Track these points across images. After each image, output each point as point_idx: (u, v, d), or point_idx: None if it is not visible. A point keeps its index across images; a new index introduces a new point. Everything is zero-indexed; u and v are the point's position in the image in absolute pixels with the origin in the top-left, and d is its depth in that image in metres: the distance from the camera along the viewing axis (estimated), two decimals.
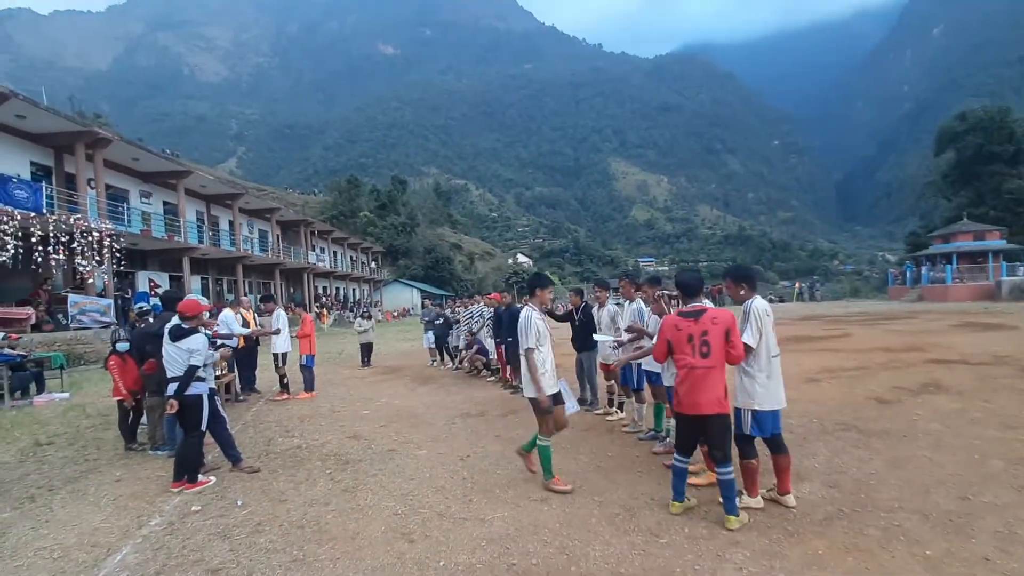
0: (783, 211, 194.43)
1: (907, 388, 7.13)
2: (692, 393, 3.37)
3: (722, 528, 3.32)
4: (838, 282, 72.08)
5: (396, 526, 3.56)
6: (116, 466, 5.14)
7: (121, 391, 5.62)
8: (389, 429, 6.25)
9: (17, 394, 8.69)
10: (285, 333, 8.46)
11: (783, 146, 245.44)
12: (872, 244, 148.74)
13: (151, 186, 22.54)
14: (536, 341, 4.04)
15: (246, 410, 7.56)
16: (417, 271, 58.73)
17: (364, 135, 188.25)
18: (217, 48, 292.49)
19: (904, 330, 14.90)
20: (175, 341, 4.45)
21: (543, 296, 4.40)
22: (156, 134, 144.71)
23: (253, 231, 31.26)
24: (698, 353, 3.35)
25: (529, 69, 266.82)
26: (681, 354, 3.43)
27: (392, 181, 75.22)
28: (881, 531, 3.21)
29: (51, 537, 3.60)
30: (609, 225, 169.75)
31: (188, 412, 4.44)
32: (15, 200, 13.62)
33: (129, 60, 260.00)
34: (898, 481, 3.99)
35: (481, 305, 10.53)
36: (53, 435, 6.37)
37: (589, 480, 4.29)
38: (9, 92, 14.12)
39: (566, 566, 2.97)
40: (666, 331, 3.57)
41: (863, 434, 5.21)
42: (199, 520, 3.78)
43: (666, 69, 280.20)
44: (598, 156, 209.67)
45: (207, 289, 25.39)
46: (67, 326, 14.47)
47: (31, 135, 16.58)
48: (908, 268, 40.36)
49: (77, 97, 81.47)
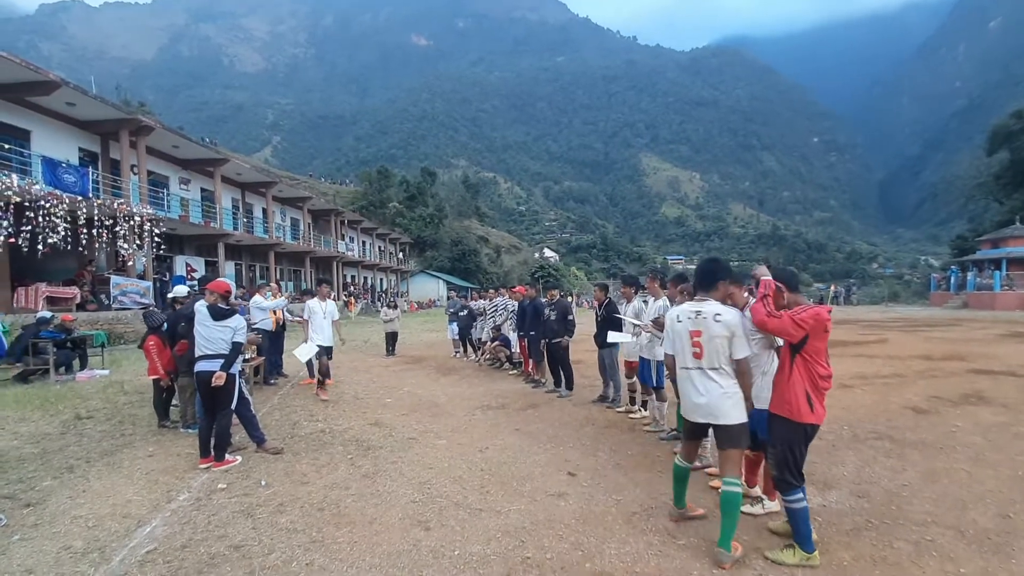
0: (820, 211, 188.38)
1: (946, 398, 6.83)
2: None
3: (743, 532, 3.23)
4: (876, 286, 69.52)
5: (413, 513, 3.59)
6: (149, 442, 5.34)
7: (158, 370, 5.84)
8: (410, 418, 6.32)
9: (62, 369, 9.11)
10: (319, 324, 7.46)
11: (822, 143, 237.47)
12: (914, 247, 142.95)
13: (190, 173, 23.24)
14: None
15: (273, 393, 7.76)
16: (444, 263, 59.12)
17: (395, 126, 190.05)
18: (255, 39, 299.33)
19: (946, 338, 14.30)
20: (217, 320, 4.58)
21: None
22: (196, 122, 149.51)
23: (285, 219, 31.97)
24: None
25: (561, 62, 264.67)
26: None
27: (422, 173, 75.72)
28: (912, 545, 3.08)
29: (87, 507, 3.76)
30: (638, 221, 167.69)
31: (220, 391, 4.57)
32: (64, 184, 14.22)
33: (172, 50, 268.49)
34: (933, 494, 3.82)
35: (506, 298, 10.54)
36: (93, 410, 6.65)
37: (608, 477, 4.25)
38: (60, 81, 14.72)
39: (581, 562, 2.94)
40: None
41: (897, 444, 5.02)
42: (224, 497, 3.90)
43: (702, 62, 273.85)
44: (629, 151, 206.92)
45: (240, 275, 26.11)
46: (109, 306, 15.09)
47: (80, 122, 17.27)
48: (953, 273, 38.67)
49: (123, 86, 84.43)
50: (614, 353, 6.72)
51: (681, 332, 3.22)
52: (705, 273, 3.29)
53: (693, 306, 3.21)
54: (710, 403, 3.09)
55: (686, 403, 3.25)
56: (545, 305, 7.84)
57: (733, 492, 2.97)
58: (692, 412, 3.21)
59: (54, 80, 14.54)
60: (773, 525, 3.33)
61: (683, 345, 3.21)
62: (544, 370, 8.21)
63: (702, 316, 3.12)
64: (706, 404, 3.10)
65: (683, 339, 3.21)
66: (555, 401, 7.15)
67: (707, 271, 3.30)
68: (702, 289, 3.25)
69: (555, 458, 4.75)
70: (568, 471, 4.38)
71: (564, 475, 4.30)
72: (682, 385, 3.28)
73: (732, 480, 3.01)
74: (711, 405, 3.09)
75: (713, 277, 3.24)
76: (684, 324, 3.21)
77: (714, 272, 3.27)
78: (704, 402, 3.11)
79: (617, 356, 6.71)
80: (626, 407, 6.48)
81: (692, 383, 3.18)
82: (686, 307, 3.26)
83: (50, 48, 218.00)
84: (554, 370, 7.81)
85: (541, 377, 8.27)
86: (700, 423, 3.19)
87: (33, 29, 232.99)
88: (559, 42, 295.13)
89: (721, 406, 3.07)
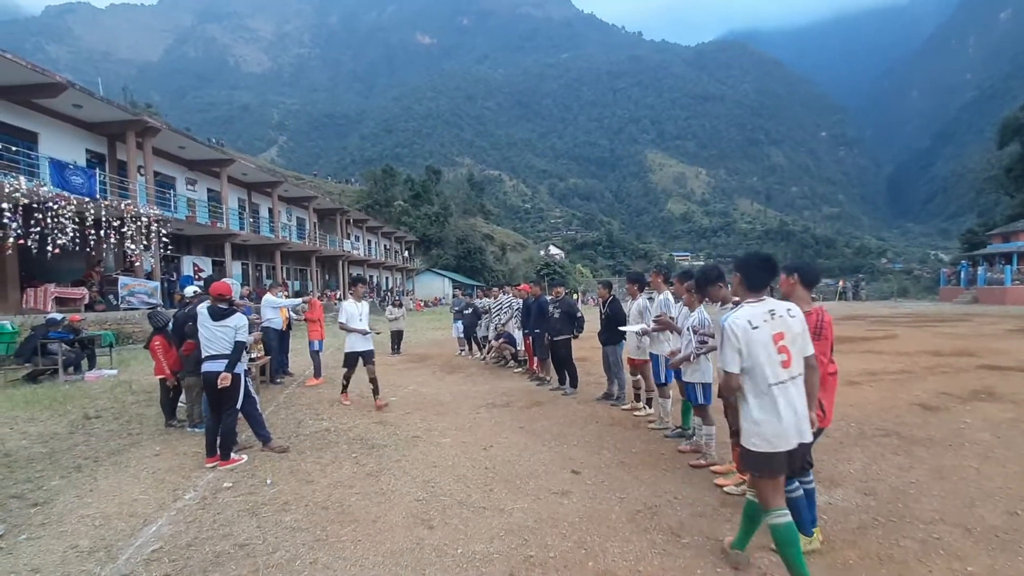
0: (829, 206, 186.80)
1: (955, 395, 6.76)
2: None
3: None
4: (886, 281, 68.97)
5: (417, 512, 3.59)
6: (156, 441, 5.38)
7: (164, 370, 5.88)
8: (415, 416, 6.33)
9: (70, 369, 9.20)
10: (359, 325, 6.69)
11: (831, 137, 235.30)
12: (924, 242, 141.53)
13: (196, 174, 23.38)
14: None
15: (279, 392, 7.79)
16: (449, 261, 59.19)
17: (400, 125, 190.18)
18: (261, 39, 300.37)
19: (955, 333, 14.15)
20: (217, 320, 4.61)
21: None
22: (203, 123, 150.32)
23: (291, 218, 32.10)
24: None
25: (566, 58, 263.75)
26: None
27: (426, 171, 75.83)
28: (919, 543, 3.05)
29: (94, 506, 3.79)
30: (644, 218, 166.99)
31: (226, 390, 4.59)
32: (72, 186, 14.33)
33: (179, 51, 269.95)
34: (941, 492, 3.78)
35: (510, 296, 10.53)
36: (101, 409, 6.71)
37: (612, 475, 4.24)
38: (67, 83, 14.83)
39: (584, 561, 2.94)
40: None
41: (904, 441, 4.98)
42: (230, 496, 3.92)
43: (708, 57, 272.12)
44: (634, 147, 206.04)
45: (247, 274, 26.27)
46: (117, 306, 15.22)
47: (87, 124, 17.40)
48: (963, 268, 38.30)
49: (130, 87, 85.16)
50: (618, 350, 6.70)
51: (763, 339, 2.60)
52: (769, 269, 2.80)
53: (762, 306, 2.67)
54: (800, 419, 2.60)
55: (775, 428, 2.57)
56: (550, 303, 7.83)
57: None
58: (785, 438, 2.57)
59: (61, 82, 14.65)
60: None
61: (769, 355, 2.59)
62: (549, 368, 8.20)
63: (778, 315, 2.65)
64: (796, 422, 2.59)
65: (768, 347, 2.60)
66: (559, 399, 7.14)
67: (771, 267, 2.81)
68: (760, 287, 2.77)
69: (559, 456, 4.74)
70: (572, 469, 4.38)
71: (568, 473, 4.29)
72: (766, 409, 2.59)
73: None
74: (801, 421, 2.60)
75: (775, 273, 2.86)
76: (764, 329, 2.61)
77: (776, 268, 2.89)
78: (795, 420, 2.58)
79: (621, 353, 6.69)
80: (630, 404, 6.47)
81: (786, 400, 2.58)
82: (754, 310, 2.67)
83: (57, 50, 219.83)
84: (559, 368, 7.80)
85: (546, 375, 8.26)
86: (792, 449, 2.60)
87: (39, 31, 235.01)
88: (564, 38, 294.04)
89: (807, 419, 2.63)
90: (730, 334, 2.61)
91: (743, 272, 2.80)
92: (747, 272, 2.79)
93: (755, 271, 2.77)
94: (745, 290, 2.79)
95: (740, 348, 2.59)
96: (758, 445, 2.59)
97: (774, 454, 2.57)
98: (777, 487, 2.64)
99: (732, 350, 2.61)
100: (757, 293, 2.73)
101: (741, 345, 2.59)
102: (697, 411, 4.65)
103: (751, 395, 2.61)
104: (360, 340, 6.66)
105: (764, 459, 2.59)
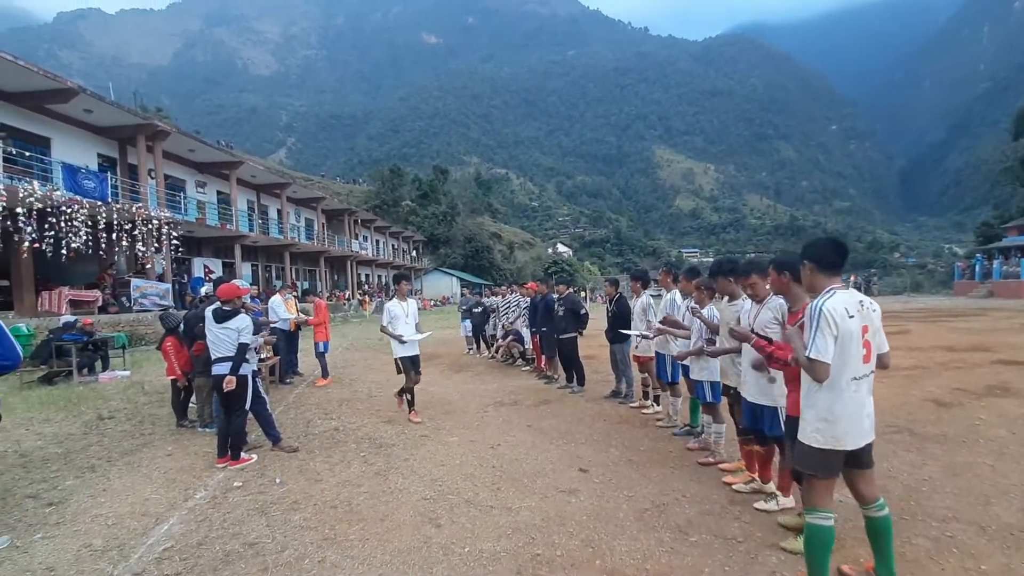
0: (840, 200, 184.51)
1: (970, 390, 6.66)
2: None
3: (757, 529, 3.20)
4: (899, 276, 68.03)
5: (424, 511, 3.61)
6: (168, 441, 5.45)
7: (175, 371, 5.95)
8: (423, 415, 6.34)
9: (84, 371, 9.34)
10: (404, 329, 6.02)
11: (841, 131, 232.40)
12: (938, 235, 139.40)
13: (206, 176, 23.59)
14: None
15: (289, 392, 7.85)
16: (457, 260, 59.28)
17: (407, 125, 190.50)
18: (268, 42, 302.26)
19: (970, 328, 13.95)
20: (219, 323, 4.65)
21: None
22: (212, 126, 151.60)
23: (300, 219, 32.31)
24: None
25: (572, 55, 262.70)
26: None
27: (433, 170, 75.97)
28: (932, 541, 3.01)
29: (107, 505, 3.85)
30: (652, 215, 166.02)
31: (234, 391, 4.64)
32: (84, 190, 14.51)
33: (188, 55, 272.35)
34: (954, 489, 3.73)
35: (517, 294, 10.53)
36: (114, 410, 6.81)
37: (619, 473, 4.22)
38: (79, 88, 15.02)
39: (591, 559, 2.93)
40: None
41: (917, 438, 4.91)
42: (240, 496, 3.96)
43: (716, 52, 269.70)
44: (642, 144, 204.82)
45: (256, 275, 26.48)
46: (130, 308, 15.41)
47: (98, 128, 17.61)
48: (978, 261, 37.67)
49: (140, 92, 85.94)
50: (626, 348, 6.67)
51: (854, 330, 2.43)
52: (841, 249, 2.59)
53: (851, 296, 2.49)
54: (869, 417, 2.50)
55: (850, 426, 2.43)
56: (555, 300, 7.82)
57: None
58: (854, 437, 2.45)
59: (72, 87, 14.84)
60: (783, 519, 3.28)
61: (856, 348, 2.44)
62: (557, 366, 8.19)
63: (865, 307, 2.49)
64: (869, 420, 2.50)
65: (856, 340, 2.44)
66: (567, 397, 7.13)
67: (843, 247, 2.61)
68: (837, 270, 2.58)
69: (567, 454, 4.73)
70: (580, 467, 4.37)
71: (576, 471, 4.29)
72: (844, 404, 2.43)
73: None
74: (871, 419, 2.50)
75: (847, 254, 2.63)
76: (856, 319, 2.44)
77: (847, 249, 2.68)
78: (866, 418, 2.48)
79: (628, 351, 6.67)
80: (639, 402, 6.44)
81: (861, 396, 2.47)
82: (847, 297, 2.47)
83: (68, 56, 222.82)
84: (565, 366, 7.79)
85: (554, 373, 8.26)
86: (857, 448, 2.48)
87: (52, 37, 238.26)
88: (569, 35, 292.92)
89: (873, 417, 2.53)
90: (829, 319, 2.39)
91: (815, 257, 2.59)
92: (820, 255, 2.59)
93: (829, 252, 2.57)
94: (822, 276, 2.58)
95: (837, 336, 2.40)
96: (823, 442, 2.44)
97: (838, 452, 2.45)
98: (831, 488, 2.52)
99: (829, 337, 2.38)
100: (834, 278, 2.56)
101: (839, 332, 2.40)
102: (706, 409, 4.62)
103: (828, 388, 2.44)
104: (408, 345, 5.99)
105: (827, 457, 2.46)
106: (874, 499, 2.56)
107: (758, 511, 3.45)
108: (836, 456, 2.46)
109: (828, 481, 2.50)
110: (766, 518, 3.35)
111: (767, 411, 3.40)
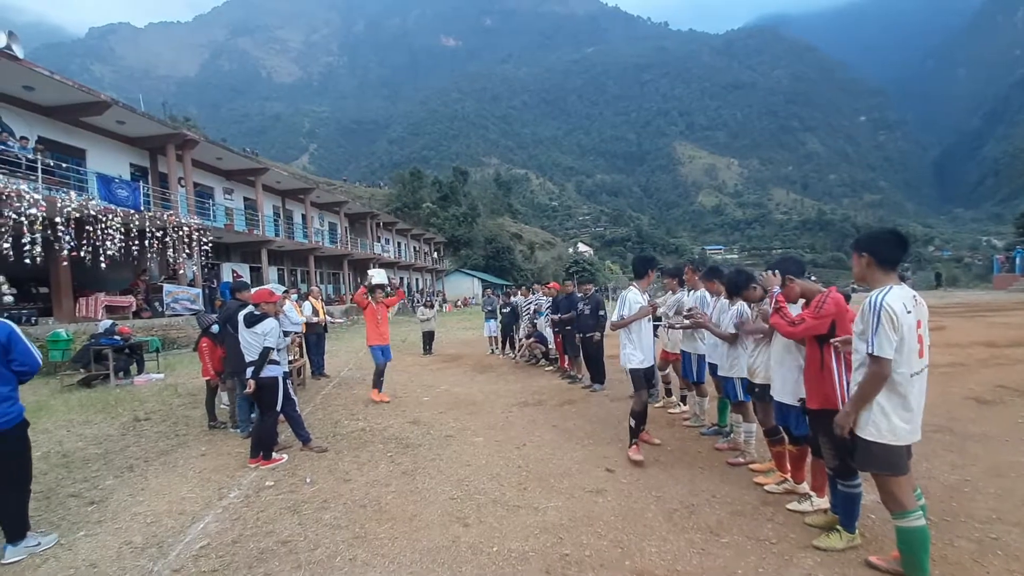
0: (870, 193, 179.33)
1: (1012, 387, 6.41)
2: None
3: (790, 531, 3.13)
4: (933, 269, 65.82)
5: (452, 510, 3.63)
6: (202, 441, 5.59)
7: (209, 371, 6.11)
8: (448, 416, 6.39)
9: (120, 374, 9.65)
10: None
11: (871, 122, 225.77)
12: (975, 227, 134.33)
13: (233, 183, 24.16)
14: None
15: (316, 393, 7.98)
16: (478, 261, 59.49)
17: (427, 128, 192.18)
18: (290, 50, 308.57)
19: (1011, 323, 13.41)
20: (249, 327, 4.76)
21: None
22: (238, 134, 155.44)
23: (323, 224, 32.84)
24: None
25: (591, 53, 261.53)
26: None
27: (454, 172, 76.38)
28: (975, 543, 2.91)
29: (145, 504, 3.97)
30: (674, 212, 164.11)
31: (265, 393, 4.74)
32: (118, 198, 15.01)
33: (214, 65, 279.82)
34: (997, 490, 3.59)
35: (539, 295, 10.52)
36: (150, 412, 7.02)
37: (647, 474, 4.18)
38: (111, 101, 15.55)
39: (620, 560, 2.90)
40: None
41: (957, 437, 4.74)
42: (272, 495, 4.04)
43: (738, 44, 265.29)
44: (663, 140, 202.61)
45: (282, 278, 26.99)
46: (162, 313, 15.87)
47: (130, 139, 18.20)
48: (1018, 254, 36.15)
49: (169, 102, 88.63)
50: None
51: (912, 324, 2.42)
52: (903, 243, 2.53)
53: (906, 291, 2.46)
54: (921, 413, 2.50)
55: (909, 421, 2.45)
56: (579, 299, 7.78)
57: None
58: (914, 432, 2.47)
59: (106, 100, 15.36)
60: (811, 519, 3.23)
61: (913, 342, 2.43)
62: (580, 365, 8.15)
63: (918, 301, 2.47)
64: (919, 416, 2.49)
65: (914, 334, 2.43)
66: (592, 397, 7.09)
67: (904, 241, 2.55)
68: (896, 265, 2.54)
69: (593, 454, 4.71)
70: (606, 467, 4.34)
71: (602, 471, 4.26)
72: (907, 398, 2.43)
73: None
74: (920, 416, 2.51)
75: (908, 248, 2.61)
76: (913, 314, 2.43)
77: (908, 243, 2.63)
78: (920, 414, 2.49)
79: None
80: (663, 401, 6.37)
81: (919, 391, 2.47)
82: (904, 292, 2.45)
83: (101, 69, 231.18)
84: (588, 365, 7.75)
85: (577, 372, 8.22)
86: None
87: (84, 52, 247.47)
88: (588, 33, 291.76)
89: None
90: (891, 315, 2.35)
91: (876, 251, 2.52)
92: (882, 249, 2.52)
93: (891, 247, 2.51)
94: (879, 271, 2.52)
95: (899, 330, 2.37)
96: (891, 439, 2.43)
97: (905, 448, 2.46)
98: (911, 483, 2.51)
99: (891, 332, 2.36)
100: (891, 274, 2.50)
101: (901, 328, 2.37)
102: (736, 408, 4.54)
103: (897, 385, 2.42)
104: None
105: (897, 454, 2.45)
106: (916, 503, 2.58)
107: (791, 512, 3.37)
108: (904, 452, 2.48)
109: (905, 477, 2.50)
110: (800, 519, 3.28)
111: (792, 410, 3.36)
